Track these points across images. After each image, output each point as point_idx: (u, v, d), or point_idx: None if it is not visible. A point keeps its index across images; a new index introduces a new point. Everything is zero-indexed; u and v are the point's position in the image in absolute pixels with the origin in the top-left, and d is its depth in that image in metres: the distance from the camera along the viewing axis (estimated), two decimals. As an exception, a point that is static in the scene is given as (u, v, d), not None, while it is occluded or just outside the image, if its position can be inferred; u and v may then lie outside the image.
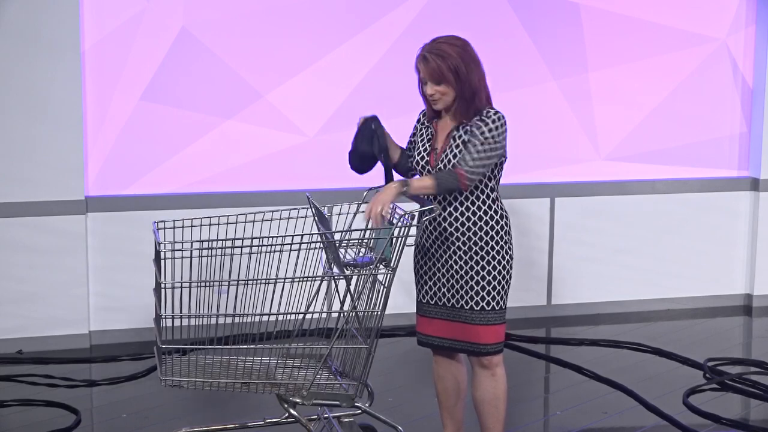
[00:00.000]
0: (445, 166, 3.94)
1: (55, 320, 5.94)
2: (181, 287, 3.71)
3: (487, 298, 3.97)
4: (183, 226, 3.96)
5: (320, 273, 3.95)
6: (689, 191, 6.96)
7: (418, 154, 4.05)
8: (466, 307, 3.98)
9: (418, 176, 4.05)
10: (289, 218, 4.09)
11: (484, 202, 3.97)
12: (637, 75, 6.85)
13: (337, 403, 3.83)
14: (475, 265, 3.96)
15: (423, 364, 5.67)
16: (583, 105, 6.78)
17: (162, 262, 3.71)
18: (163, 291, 3.69)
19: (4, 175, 5.80)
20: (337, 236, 3.86)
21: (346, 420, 4.09)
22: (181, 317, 3.71)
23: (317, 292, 3.96)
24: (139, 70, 6.05)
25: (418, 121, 4.18)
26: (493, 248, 3.98)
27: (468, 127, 3.95)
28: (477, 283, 3.96)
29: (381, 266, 3.77)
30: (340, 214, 4.08)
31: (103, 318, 6.06)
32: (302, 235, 3.80)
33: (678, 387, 5.35)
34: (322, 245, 3.89)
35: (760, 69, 6.93)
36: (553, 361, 5.83)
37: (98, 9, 5.93)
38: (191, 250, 3.75)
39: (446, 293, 4.01)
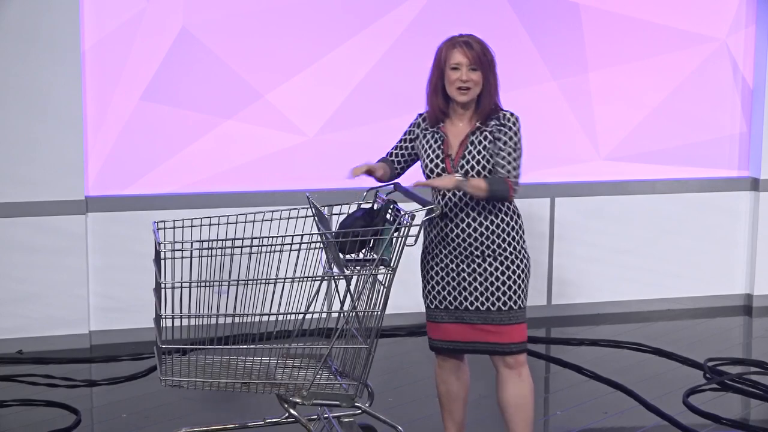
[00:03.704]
0: (467, 172, 3.90)
1: (55, 320, 5.94)
2: (181, 287, 3.71)
3: (514, 297, 3.95)
4: (183, 226, 3.96)
5: (320, 273, 3.95)
6: (689, 191, 6.96)
7: (431, 162, 3.99)
8: (492, 309, 3.94)
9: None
10: (289, 218, 4.09)
11: (503, 206, 3.96)
12: (637, 75, 6.85)
13: (337, 403, 3.83)
14: (499, 266, 3.94)
15: (422, 364, 5.67)
16: (583, 105, 6.78)
17: (162, 262, 3.71)
18: (163, 291, 3.69)
19: (4, 175, 5.80)
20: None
21: (346, 420, 4.08)
22: (181, 317, 3.71)
23: (317, 292, 3.96)
24: (139, 70, 6.05)
25: (417, 125, 4.11)
26: (515, 248, 3.97)
27: (488, 134, 3.92)
28: (503, 283, 3.94)
29: (381, 266, 3.77)
30: (340, 214, 4.08)
31: (103, 318, 6.06)
32: (302, 235, 3.80)
33: (678, 387, 5.35)
34: (322, 245, 3.89)
35: (760, 69, 6.93)
36: (553, 361, 5.83)
37: (98, 9, 5.93)
38: (191, 250, 3.75)
39: (468, 296, 3.96)
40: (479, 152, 3.92)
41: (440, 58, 3.97)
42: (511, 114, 3.96)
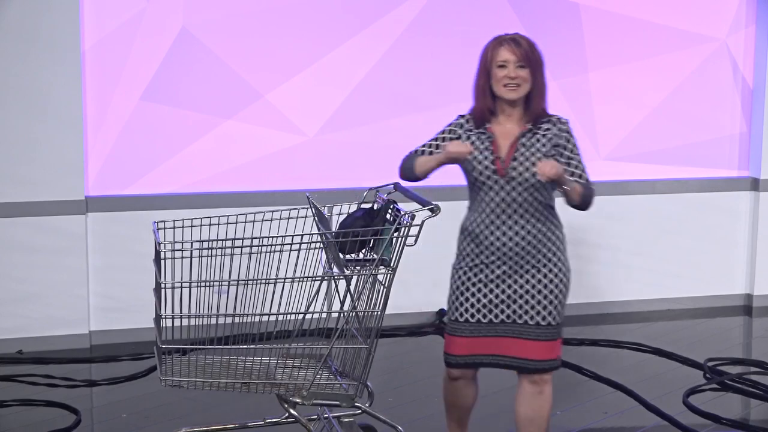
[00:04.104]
0: (519, 174, 3.79)
1: (55, 320, 5.94)
2: (181, 287, 3.71)
3: (554, 312, 3.88)
4: (183, 226, 3.96)
5: (320, 273, 3.95)
6: (689, 191, 6.96)
7: (479, 163, 3.84)
8: (530, 322, 3.86)
9: (492, 183, 3.84)
10: (289, 218, 4.08)
11: (551, 214, 3.91)
12: (637, 75, 6.85)
13: (337, 403, 3.82)
14: (542, 278, 3.85)
15: (423, 364, 5.67)
16: (583, 105, 6.78)
17: (162, 262, 3.71)
18: (163, 291, 3.69)
19: (4, 175, 5.80)
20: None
21: (346, 420, 4.08)
22: (181, 317, 3.71)
23: (317, 292, 3.96)
24: (139, 70, 6.05)
25: (460, 126, 3.94)
26: (559, 259, 3.90)
27: (541, 136, 3.86)
28: (545, 296, 3.86)
29: (381, 266, 3.77)
30: (340, 214, 4.07)
31: (103, 318, 6.06)
32: (302, 235, 3.80)
33: (678, 387, 5.35)
34: (322, 245, 3.88)
35: (760, 69, 6.93)
36: (553, 361, 5.82)
37: (98, 9, 5.93)
38: (191, 250, 3.75)
39: (505, 309, 3.87)
40: (532, 154, 3.83)
41: (486, 57, 3.87)
42: (566, 119, 3.94)
